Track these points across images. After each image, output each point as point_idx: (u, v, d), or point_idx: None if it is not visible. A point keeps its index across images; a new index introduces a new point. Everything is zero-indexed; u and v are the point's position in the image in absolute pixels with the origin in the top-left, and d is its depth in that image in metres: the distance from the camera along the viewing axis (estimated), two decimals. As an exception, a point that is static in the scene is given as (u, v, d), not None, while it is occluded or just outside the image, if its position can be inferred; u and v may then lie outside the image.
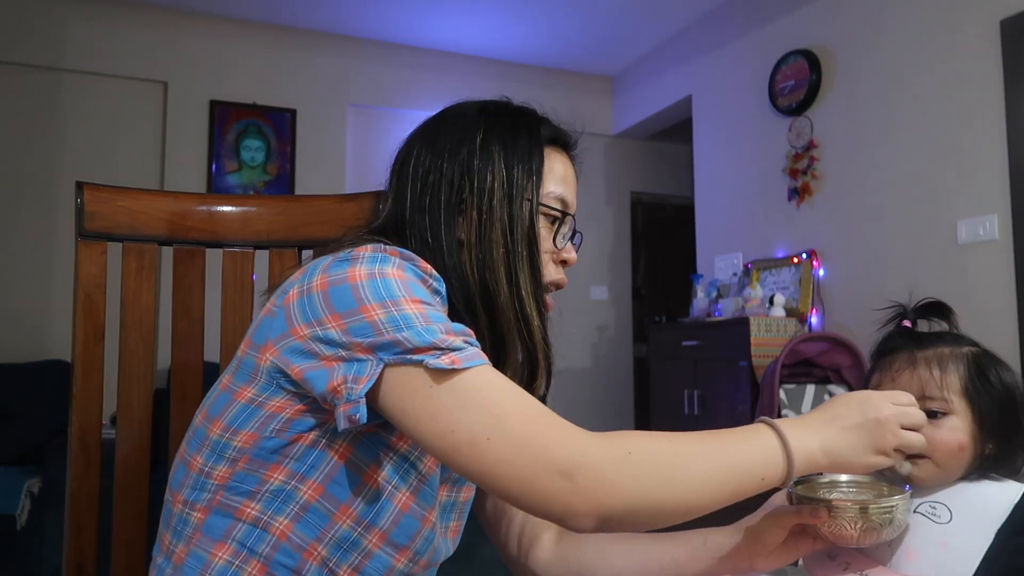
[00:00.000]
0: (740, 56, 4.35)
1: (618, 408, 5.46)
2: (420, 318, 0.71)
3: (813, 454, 0.73)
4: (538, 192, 0.85)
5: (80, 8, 4.20)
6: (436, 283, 0.77)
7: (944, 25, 3.20)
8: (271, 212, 1.13)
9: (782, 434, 0.72)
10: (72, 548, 1.00)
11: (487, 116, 0.88)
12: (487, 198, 0.83)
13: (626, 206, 5.69)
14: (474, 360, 0.70)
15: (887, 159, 3.43)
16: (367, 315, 0.70)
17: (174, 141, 4.38)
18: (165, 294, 1.06)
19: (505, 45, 5.00)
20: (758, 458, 0.72)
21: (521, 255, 0.83)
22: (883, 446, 0.75)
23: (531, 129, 0.88)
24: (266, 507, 0.76)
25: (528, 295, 0.84)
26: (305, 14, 4.53)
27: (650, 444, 0.69)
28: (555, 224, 0.89)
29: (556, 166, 0.89)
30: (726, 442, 0.72)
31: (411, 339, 0.69)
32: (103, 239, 1.04)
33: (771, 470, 0.72)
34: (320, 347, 0.72)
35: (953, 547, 0.80)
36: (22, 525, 3.00)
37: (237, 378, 0.79)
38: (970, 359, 0.87)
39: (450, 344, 0.70)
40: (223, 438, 0.78)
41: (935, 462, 0.85)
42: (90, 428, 1.01)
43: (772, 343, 3.51)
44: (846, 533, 0.78)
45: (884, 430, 0.75)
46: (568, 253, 0.91)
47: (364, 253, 0.75)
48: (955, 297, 1.81)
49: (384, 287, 0.72)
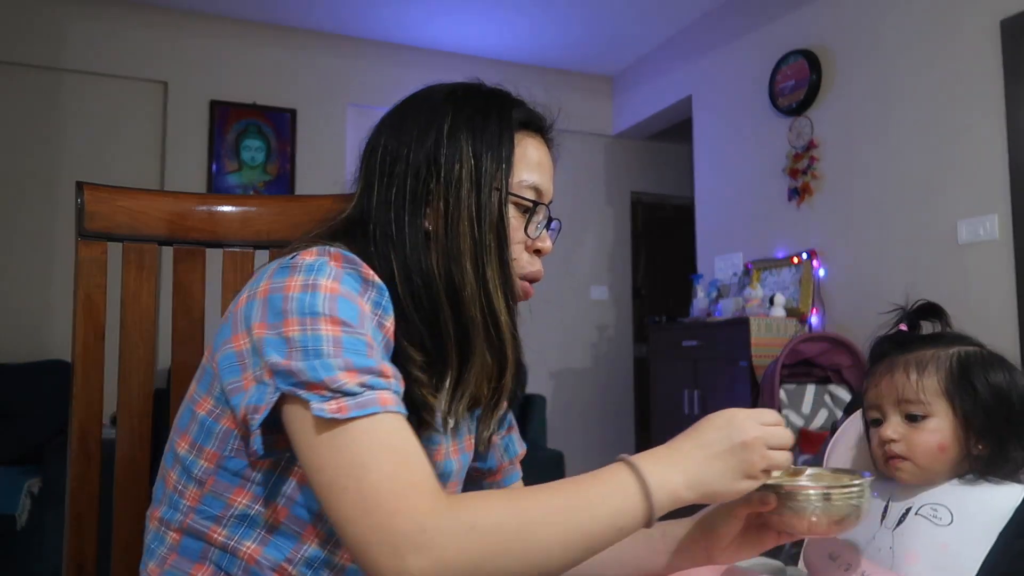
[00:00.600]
0: (740, 56, 4.35)
1: (618, 408, 5.46)
2: (329, 344, 0.67)
3: (676, 490, 0.70)
4: (508, 180, 0.82)
5: (80, 8, 4.20)
6: (376, 293, 0.74)
7: (944, 25, 3.20)
8: (271, 212, 1.13)
9: (642, 476, 0.69)
10: (72, 548, 1.00)
11: (455, 100, 0.84)
12: (454, 188, 0.80)
13: (626, 206, 5.69)
14: (364, 408, 0.66)
15: (887, 159, 3.43)
16: (285, 328, 0.69)
17: (174, 141, 4.38)
18: (165, 294, 1.06)
19: (505, 45, 5.00)
20: (616, 509, 0.68)
21: (489, 247, 0.80)
22: (751, 470, 0.71)
23: (502, 113, 0.84)
24: (232, 532, 0.76)
25: (496, 289, 0.80)
26: (305, 14, 4.53)
27: (498, 515, 0.65)
28: (527, 213, 0.85)
29: (529, 151, 0.86)
30: (581, 495, 0.68)
31: (304, 372, 0.66)
32: (103, 239, 1.03)
33: (629, 518, 0.69)
34: (248, 359, 0.71)
35: (954, 549, 0.80)
36: (22, 525, 2.99)
37: (200, 387, 0.79)
38: (953, 361, 0.86)
39: (341, 386, 0.66)
40: (190, 455, 0.77)
41: (916, 463, 0.85)
42: (90, 428, 1.01)
43: (772, 343, 3.51)
44: (804, 521, 0.75)
45: (752, 453, 0.71)
46: (543, 242, 0.87)
47: (304, 261, 0.73)
48: (955, 297, 1.81)
49: (310, 301, 0.69)
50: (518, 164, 0.84)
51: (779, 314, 3.66)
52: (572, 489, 0.69)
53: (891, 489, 0.88)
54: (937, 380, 0.85)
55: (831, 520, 0.75)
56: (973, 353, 0.87)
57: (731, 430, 0.72)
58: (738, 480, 0.72)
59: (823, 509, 0.74)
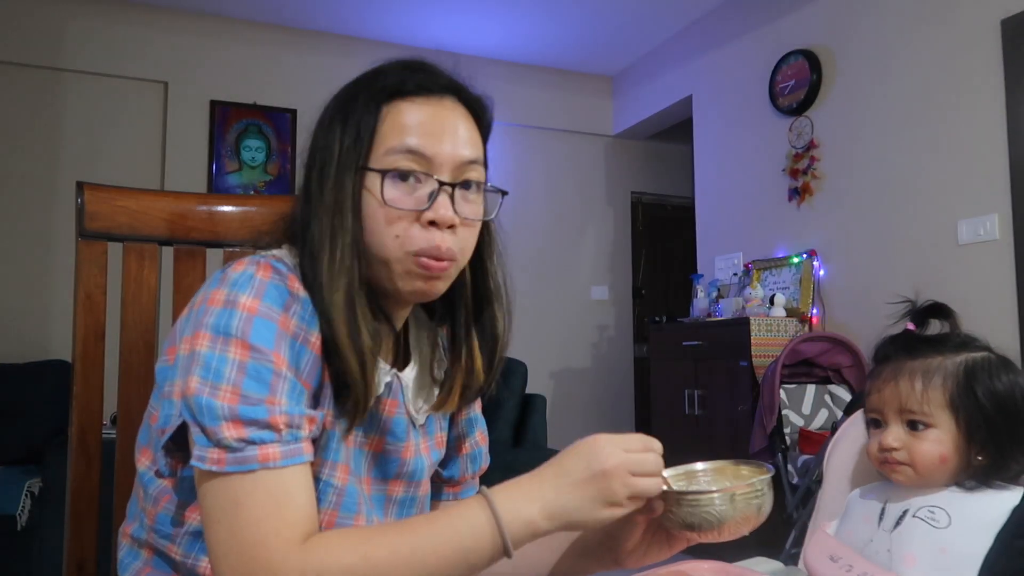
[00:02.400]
0: (740, 56, 4.35)
1: (618, 408, 5.46)
2: (233, 369, 0.67)
3: (533, 521, 0.69)
4: (366, 154, 0.76)
5: (80, 8, 4.20)
6: (301, 307, 0.73)
7: (944, 25, 3.20)
8: (271, 212, 1.13)
9: (495, 510, 0.69)
10: (72, 548, 1.00)
11: (340, 91, 0.82)
12: (320, 172, 0.77)
13: (626, 206, 5.69)
14: (242, 465, 0.67)
15: (887, 159, 3.43)
16: (196, 341, 0.69)
17: (174, 141, 4.38)
18: (165, 294, 1.06)
19: (505, 45, 5.00)
20: (466, 547, 0.68)
21: (346, 229, 0.75)
22: (613, 498, 0.70)
23: (370, 87, 0.79)
24: (187, 549, 0.76)
25: (339, 291, 0.73)
26: (305, 14, 4.53)
27: (348, 559, 0.66)
28: (407, 181, 0.76)
29: (405, 116, 0.77)
30: (432, 536, 0.69)
31: (197, 411, 0.67)
32: (103, 239, 1.04)
33: (482, 555, 0.69)
34: (170, 371, 0.74)
35: (953, 552, 0.80)
36: (22, 525, 3.00)
37: (153, 398, 0.79)
38: (960, 371, 0.85)
39: (222, 440, 0.66)
40: (150, 471, 0.78)
41: (916, 472, 0.85)
42: (90, 428, 1.01)
43: (772, 343, 3.51)
44: (702, 524, 0.72)
45: (612, 481, 0.69)
46: (435, 212, 0.75)
47: (234, 273, 0.72)
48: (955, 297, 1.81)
49: (226, 319, 0.69)
50: (387, 133, 0.76)
51: (779, 314, 3.66)
52: (425, 529, 0.69)
53: (888, 491, 0.88)
54: (942, 392, 0.85)
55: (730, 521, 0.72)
56: (980, 362, 0.86)
57: (591, 459, 0.70)
58: (599, 508, 0.70)
59: (719, 511, 0.71)
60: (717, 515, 0.71)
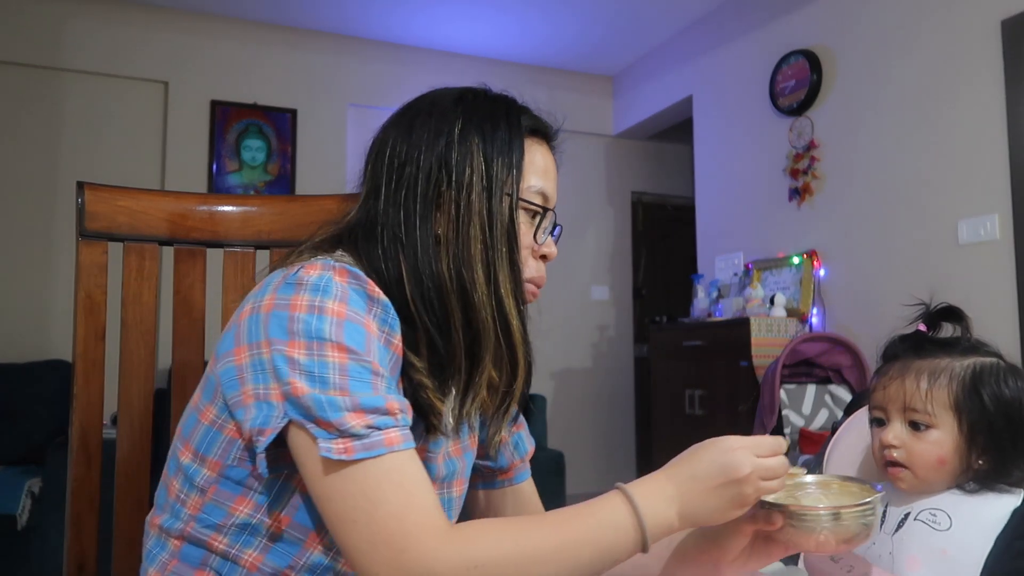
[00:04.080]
0: (741, 56, 4.35)
1: (619, 408, 5.46)
2: (335, 372, 0.69)
3: (670, 522, 0.73)
4: (518, 186, 0.83)
5: (80, 8, 4.20)
6: (383, 310, 0.75)
7: (944, 25, 3.20)
8: (272, 212, 1.13)
9: (637, 511, 0.71)
10: (73, 548, 1.00)
11: (465, 105, 0.85)
12: (465, 192, 0.80)
13: (627, 206, 5.69)
14: (371, 451, 0.68)
15: (888, 159, 3.43)
16: (289, 350, 0.69)
17: (174, 141, 4.38)
18: (166, 294, 1.06)
19: (505, 45, 5.00)
20: (612, 544, 0.71)
21: (500, 252, 0.81)
22: (745, 502, 0.73)
23: (510, 119, 0.85)
24: (233, 540, 0.76)
25: (507, 293, 0.81)
26: (305, 14, 4.53)
27: (499, 551, 0.67)
28: (535, 218, 0.86)
29: (537, 158, 0.87)
30: (578, 531, 0.71)
31: (314, 409, 0.68)
32: (104, 239, 1.04)
33: (624, 551, 0.72)
34: (247, 374, 0.72)
35: (954, 555, 0.80)
36: (23, 525, 3.00)
37: (204, 395, 0.79)
38: (967, 374, 0.84)
39: (348, 428, 0.67)
40: (193, 464, 0.78)
41: (914, 473, 0.85)
42: (91, 428, 1.01)
43: (773, 343, 3.51)
44: (812, 540, 0.74)
45: (746, 487, 0.72)
46: (548, 248, 0.88)
47: (310, 277, 0.73)
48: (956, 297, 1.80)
49: (317, 325, 0.70)
50: (527, 170, 0.85)
51: (779, 314, 3.66)
52: (570, 524, 0.71)
53: (889, 494, 0.88)
54: (947, 393, 0.84)
55: (840, 539, 0.73)
56: (988, 367, 0.85)
57: (726, 466, 0.72)
58: (730, 511, 0.73)
59: (832, 529, 0.73)
60: (826, 531, 0.73)
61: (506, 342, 0.81)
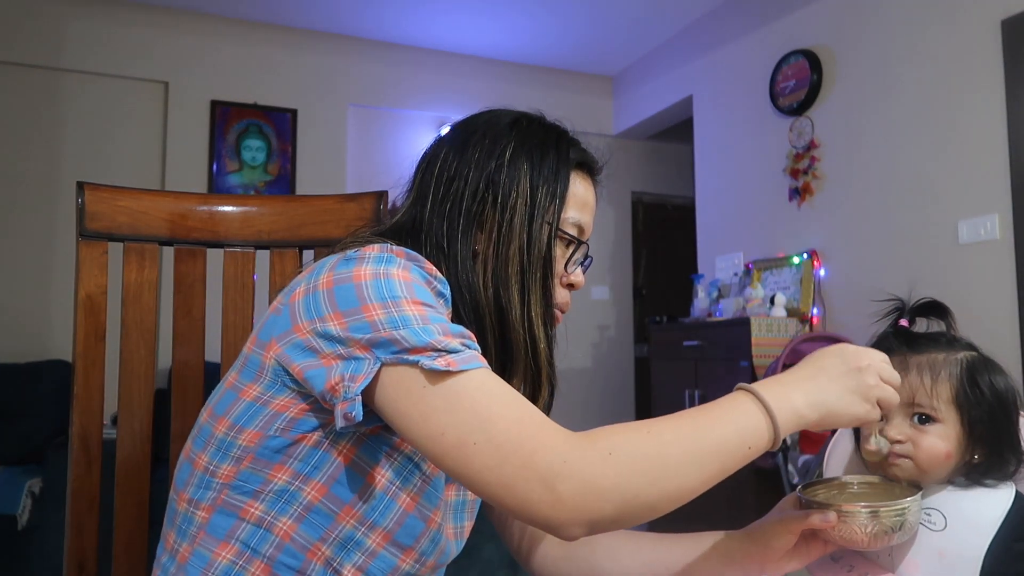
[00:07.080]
0: (741, 56, 4.35)
1: (619, 408, 5.46)
2: (419, 319, 0.70)
3: (798, 410, 0.72)
4: (559, 216, 0.86)
5: (80, 8, 4.20)
6: (440, 286, 0.77)
7: (944, 25, 3.20)
8: (272, 212, 1.13)
9: (762, 398, 0.72)
10: (73, 548, 1.00)
11: (519, 130, 0.87)
12: (508, 214, 0.83)
13: (627, 206, 5.69)
14: (470, 363, 0.69)
15: (888, 159, 3.43)
16: (367, 314, 0.70)
17: (174, 141, 4.38)
18: (166, 294, 1.06)
19: (505, 45, 5.00)
20: (742, 427, 0.71)
21: (535, 276, 0.84)
22: (868, 394, 0.75)
23: (560, 150, 0.88)
24: (270, 507, 0.76)
25: (537, 316, 0.84)
26: (305, 14, 4.53)
27: (631, 439, 0.68)
28: (569, 247, 0.88)
29: (579, 191, 0.90)
30: (707, 420, 0.71)
31: (408, 338, 0.69)
32: (104, 239, 1.04)
33: (757, 438, 0.71)
34: (321, 344, 0.72)
35: (951, 556, 0.80)
36: (23, 525, 3.00)
37: (243, 376, 0.79)
38: (963, 367, 0.85)
39: (446, 346, 0.69)
40: (228, 436, 0.78)
41: (918, 466, 0.85)
42: (91, 428, 1.01)
43: (773, 343, 3.51)
44: (856, 537, 0.78)
45: (868, 376, 0.74)
46: (576, 278, 0.91)
47: (370, 253, 0.75)
48: (955, 297, 1.81)
49: (387, 287, 0.72)
50: (569, 201, 0.87)
51: (780, 314, 3.66)
52: (696, 413, 0.72)
53: None
54: (950, 387, 0.85)
55: (888, 536, 0.78)
56: (976, 360, 0.86)
57: (846, 356, 0.75)
58: (856, 402, 0.74)
59: (882, 527, 0.77)
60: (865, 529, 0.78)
61: (534, 363, 0.85)
